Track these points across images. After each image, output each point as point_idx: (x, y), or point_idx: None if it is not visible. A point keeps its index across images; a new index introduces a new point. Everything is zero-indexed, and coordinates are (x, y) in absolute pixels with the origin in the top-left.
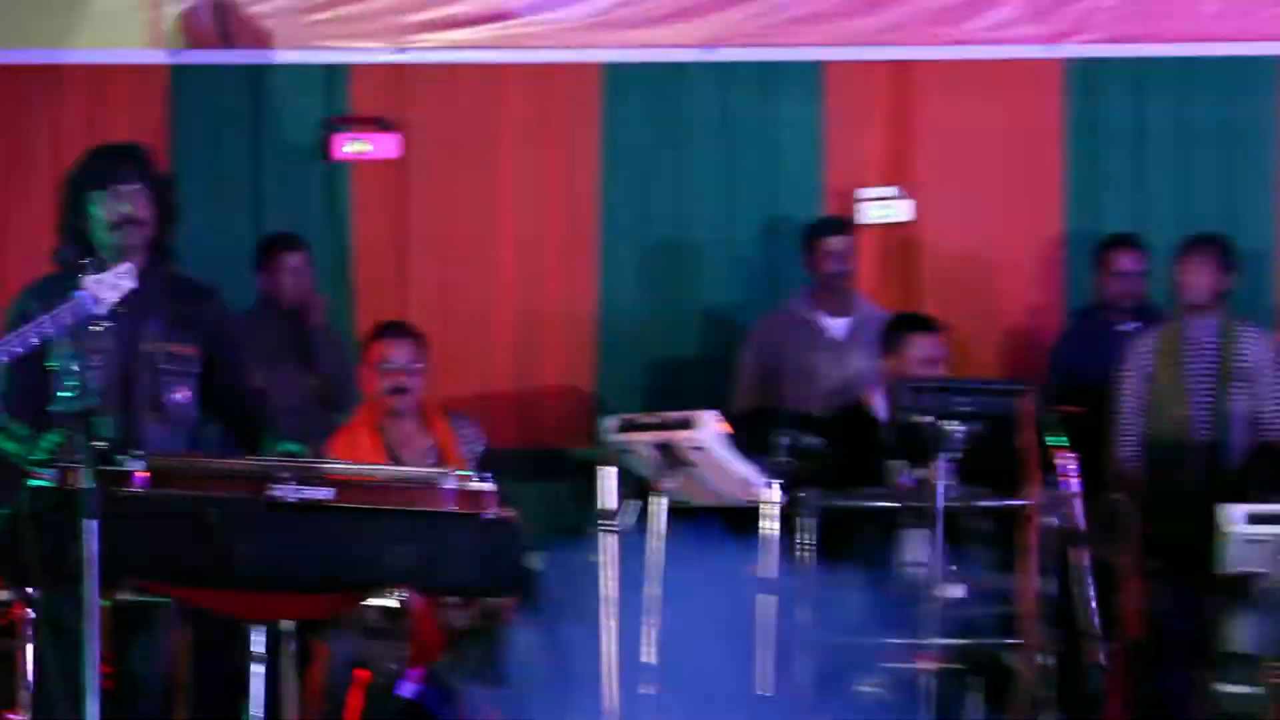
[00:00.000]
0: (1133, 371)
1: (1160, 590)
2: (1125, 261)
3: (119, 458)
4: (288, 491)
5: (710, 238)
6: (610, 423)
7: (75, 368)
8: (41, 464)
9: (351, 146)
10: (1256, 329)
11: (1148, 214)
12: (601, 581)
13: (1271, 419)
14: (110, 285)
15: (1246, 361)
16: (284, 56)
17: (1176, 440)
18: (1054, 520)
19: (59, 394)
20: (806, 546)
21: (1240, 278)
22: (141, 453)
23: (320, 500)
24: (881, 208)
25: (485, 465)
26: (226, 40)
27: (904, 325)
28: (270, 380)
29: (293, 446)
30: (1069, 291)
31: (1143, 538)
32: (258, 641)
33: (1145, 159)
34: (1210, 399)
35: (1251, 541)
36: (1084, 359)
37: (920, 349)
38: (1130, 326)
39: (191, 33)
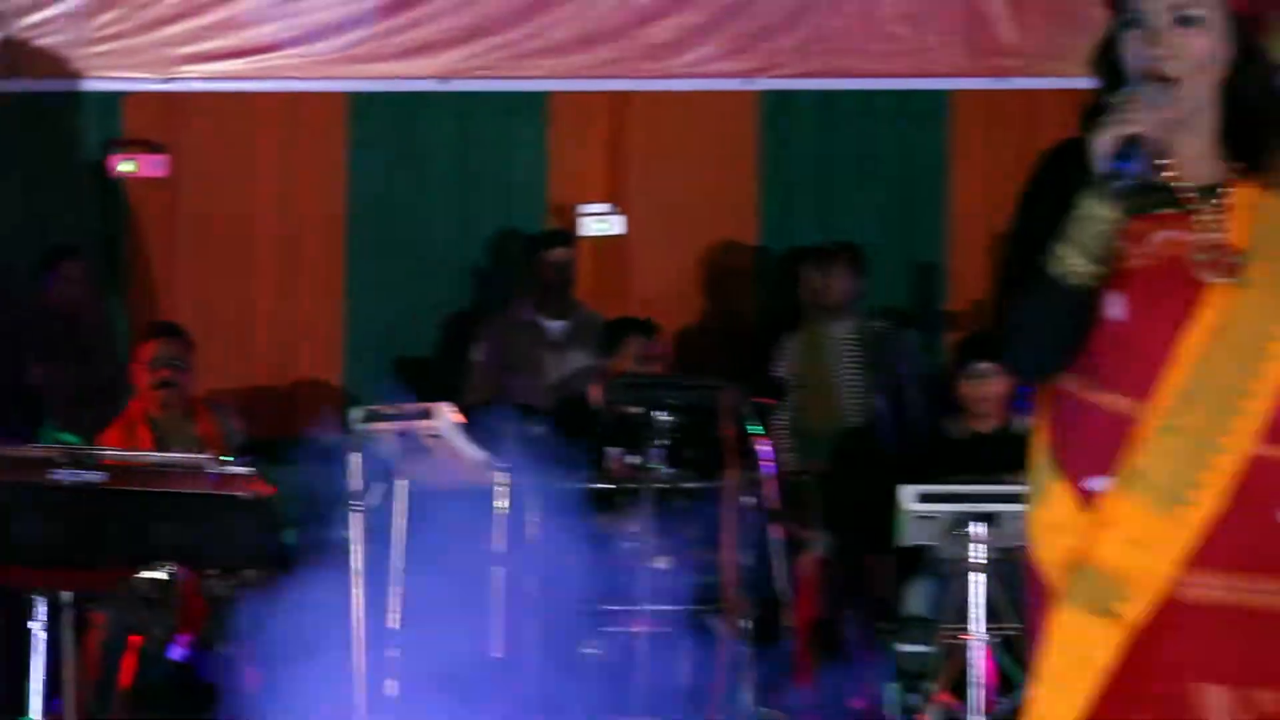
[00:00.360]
0: (785, 367)
1: (846, 561)
2: (807, 273)
3: None
4: (65, 476)
5: (446, 248)
6: (357, 413)
7: None
8: None
9: (125, 166)
10: (887, 325)
11: (833, 230)
12: (350, 555)
13: (910, 406)
14: None
15: (883, 356)
16: (66, 85)
17: (829, 426)
18: (752, 499)
19: None
20: (534, 523)
21: (916, 287)
22: None
23: (95, 483)
24: (598, 222)
25: (244, 452)
26: (13, 70)
27: (621, 327)
28: (50, 376)
29: (68, 436)
30: (760, 297)
31: (828, 515)
32: (39, 612)
33: (830, 181)
34: (854, 391)
35: (923, 518)
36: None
37: (635, 348)
38: (839, 329)
39: None
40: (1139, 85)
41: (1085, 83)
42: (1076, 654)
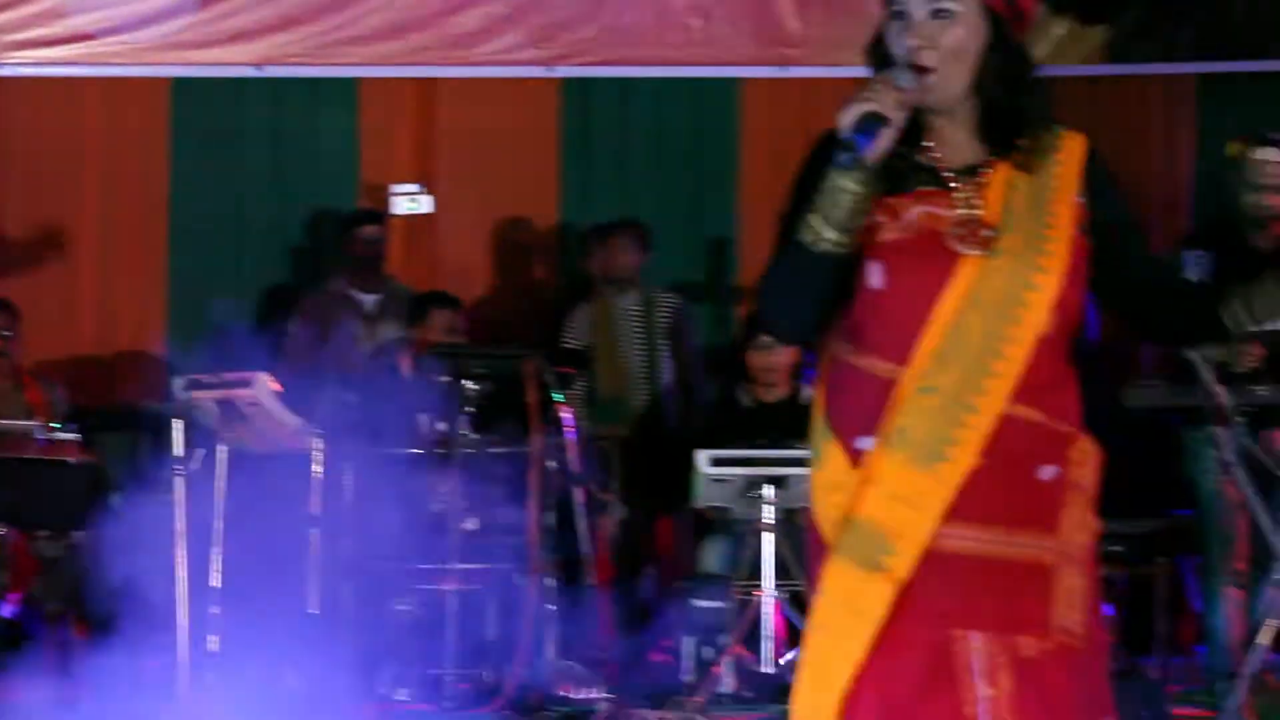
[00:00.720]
0: (575, 338)
1: (644, 522)
2: (616, 244)
3: None
4: None
5: (264, 226)
6: (179, 382)
7: None
8: None
9: None
10: (672, 296)
11: (632, 208)
12: (173, 518)
13: (695, 375)
14: None
15: (667, 324)
16: None
17: (622, 395)
18: (554, 464)
19: None
20: (348, 487)
21: (708, 260)
22: None
23: None
24: (408, 201)
25: (71, 419)
26: None
27: (428, 300)
28: None
29: None
30: (561, 272)
31: (627, 479)
32: None
33: (627, 162)
34: (642, 359)
35: (717, 481)
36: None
37: (441, 320)
38: (625, 301)
39: None
40: (898, 71)
41: (863, 71)
42: (848, 606)
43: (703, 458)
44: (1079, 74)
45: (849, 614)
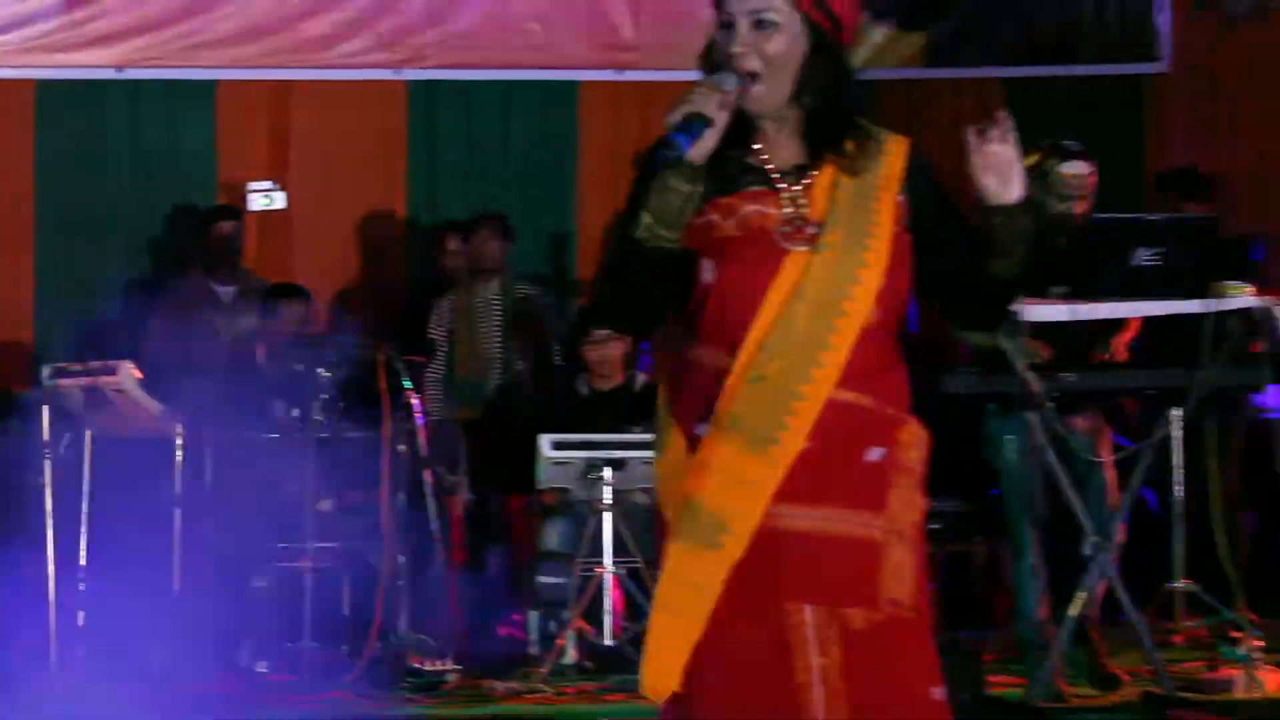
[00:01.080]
0: (439, 327)
1: (492, 502)
2: (453, 242)
3: None
4: None
5: (127, 221)
6: (46, 370)
7: None
8: None
9: None
10: (531, 286)
11: (476, 205)
12: (42, 499)
13: (551, 363)
14: None
15: (526, 313)
16: None
17: (479, 381)
18: (404, 447)
19: None
20: (209, 470)
21: (549, 254)
22: None
23: None
24: (263, 198)
25: None
26: None
27: (279, 293)
28: None
29: None
30: (410, 265)
31: (476, 461)
32: None
33: (472, 161)
34: (500, 346)
35: (558, 464)
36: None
37: (292, 312)
38: (488, 290)
39: None
40: (723, 76)
41: (693, 75)
42: (689, 583)
43: (545, 442)
44: (898, 77)
45: (689, 590)
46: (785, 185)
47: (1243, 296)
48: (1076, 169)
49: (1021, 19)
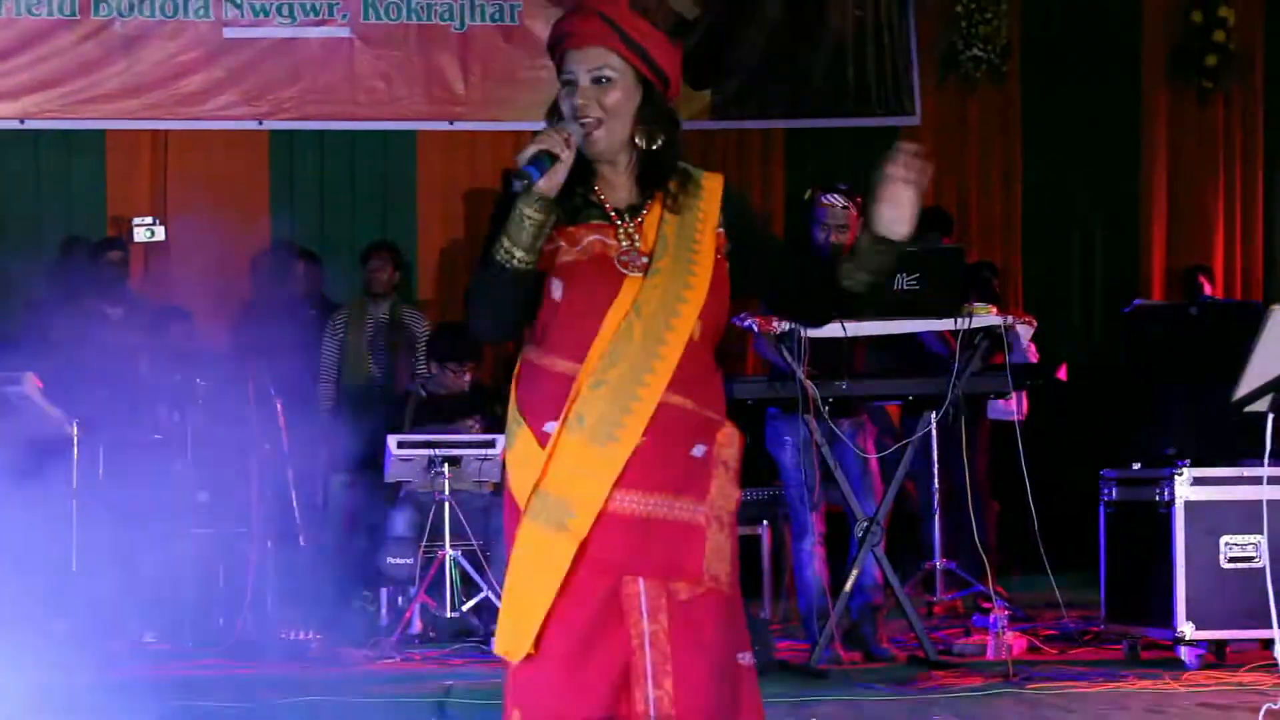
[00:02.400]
0: (332, 339)
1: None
2: (301, 268)
3: None
4: None
5: (29, 252)
6: None
7: None
8: None
9: None
10: (413, 310)
11: (330, 236)
12: None
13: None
14: None
15: (409, 331)
16: None
17: (364, 388)
18: (269, 446)
19: None
20: (101, 466)
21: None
22: None
23: None
24: (146, 231)
25: None
26: None
27: (162, 313)
28: None
29: None
30: (275, 291)
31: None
32: None
33: (325, 200)
34: (384, 359)
35: (404, 460)
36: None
37: (173, 329)
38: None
39: None
40: (567, 123)
41: (516, 126)
42: (539, 560)
43: (391, 441)
44: (691, 128)
45: (540, 566)
46: (621, 222)
47: (987, 315)
48: (834, 201)
49: (797, 78)
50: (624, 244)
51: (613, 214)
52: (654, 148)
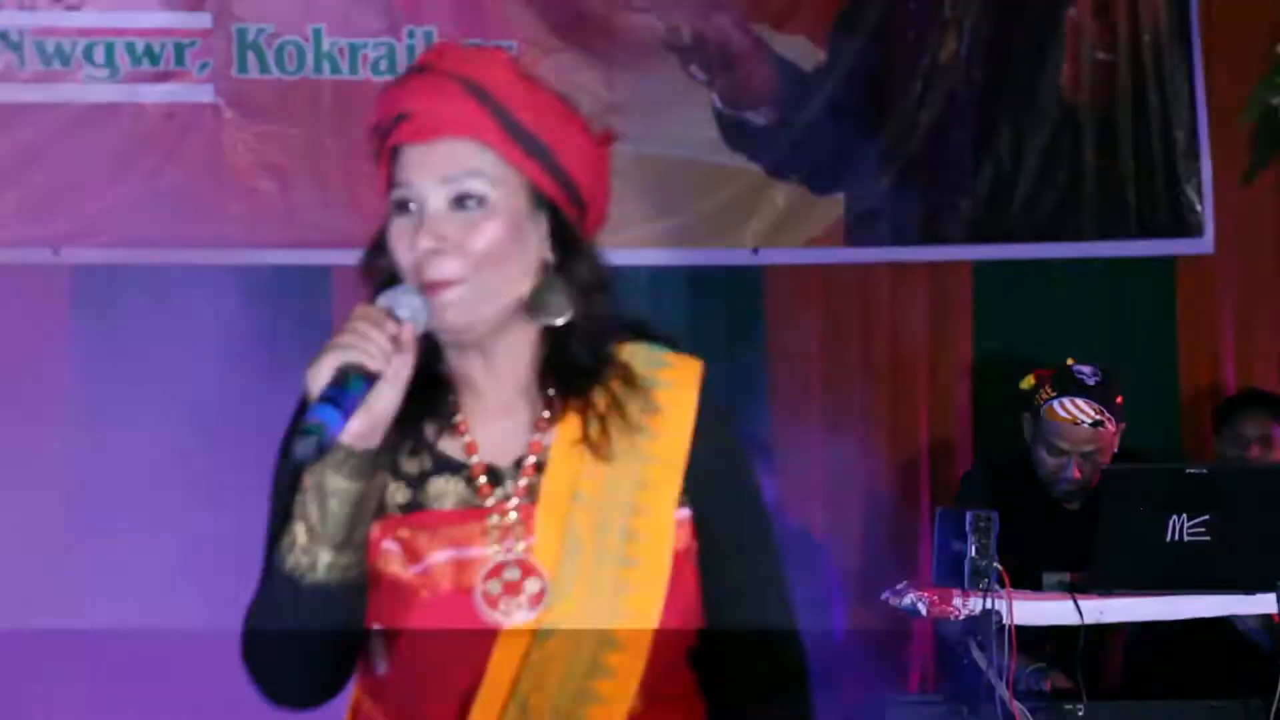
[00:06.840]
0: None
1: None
2: None
3: None
4: None
5: None
6: None
7: None
8: None
9: None
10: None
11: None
12: None
13: None
14: None
15: None
16: None
17: None
18: None
19: None
20: None
21: None
22: None
23: None
24: None
25: None
26: None
27: None
28: None
29: None
30: None
31: None
32: None
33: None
34: None
35: None
36: None
37: None
38: None
39: None
40: (398, 294)
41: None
42: None
43: None
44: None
45: None
46: (495, 499)
47: None
48: (1075, 413)
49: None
50: (498, 547)
51: (481, 478)
52: (561, 324)
